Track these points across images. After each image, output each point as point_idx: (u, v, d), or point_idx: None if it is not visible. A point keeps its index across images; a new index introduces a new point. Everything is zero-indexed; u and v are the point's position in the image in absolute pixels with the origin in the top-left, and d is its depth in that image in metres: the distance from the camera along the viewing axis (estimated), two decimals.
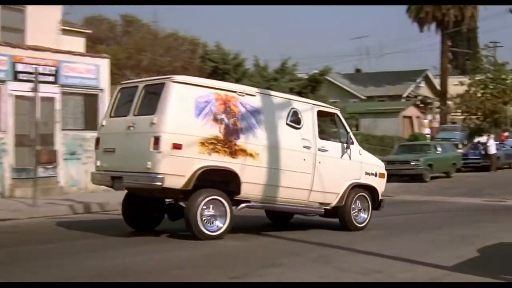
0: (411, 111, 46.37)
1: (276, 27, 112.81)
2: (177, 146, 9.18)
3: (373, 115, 43.94)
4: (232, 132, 9.72)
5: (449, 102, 48.36)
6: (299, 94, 31.94)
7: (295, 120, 10.58)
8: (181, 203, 9.75)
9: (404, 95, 51.34)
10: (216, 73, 31.83)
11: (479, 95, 45.44)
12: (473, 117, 45.32)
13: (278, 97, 10.68)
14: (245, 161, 9.79)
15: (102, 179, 10.17)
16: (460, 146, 41.05)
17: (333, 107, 11.74)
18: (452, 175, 28.51)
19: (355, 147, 11.48)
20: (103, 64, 18.78)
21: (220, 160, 9.58)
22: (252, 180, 9.89)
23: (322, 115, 11.09)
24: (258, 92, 10.29)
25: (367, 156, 11.88)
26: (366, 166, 11.62)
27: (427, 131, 44.96)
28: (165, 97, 9.28)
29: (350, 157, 11.31)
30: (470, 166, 32.08)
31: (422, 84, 54.53)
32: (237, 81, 31.70)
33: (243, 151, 9.79)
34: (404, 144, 31.23)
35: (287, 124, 10.44)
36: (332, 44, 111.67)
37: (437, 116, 51.02)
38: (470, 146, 34.22)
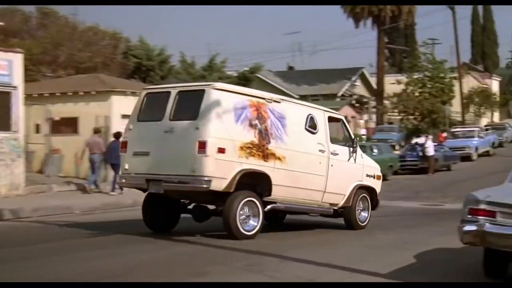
0: (346, 110, 47.28)
1: (204, 21, 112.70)
2: (221, 150, 10.31)
3: None
4: (264, 137, 11.04)
5: (386, 102, 49.55)
6: None
7: (312, 126, 12.10)
8: (205, 205, 11.31)
9: (339, 94, 52.24)
10: (140, 70, 31.58)
11: (416, 94, 46.76)
12: (411, 117, 46.56)
13: (297, 103, 12.33)
14: (275, 165, 11.13)
15: (133, 182, 11.13)
16: (397, 147, 42.20)
17: (338, 113, 13.58)
18: (389, 177, 29.26)
19: (358, 151, 13.14)
20: (16, 60, 18.34)
21: (256, 164, 10.81)
22: (280, 182, 11.20)
23: (331, 121, 12.66)
24: (282, 99, 11.72)
25: (367, 159, 13.70)
26: (366, 169, 13.36)
27: (362, 131, 45.90)
28: (208, 103, 10.33)
29: (355, 160, 13.01)
30: (407, 168, 33.00)
31: (358, 83, 55.65)
32: (162, 78, 31.55)
33: (273, 155, 11.10)
34: None
35: (305, 129, 11.96)
36: (263, 40, 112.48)
37: (374, 116, 52.18)
38: (408, 148, 35.12)
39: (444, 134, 42.69)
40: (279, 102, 11.59)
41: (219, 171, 10.33)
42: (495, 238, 7.60)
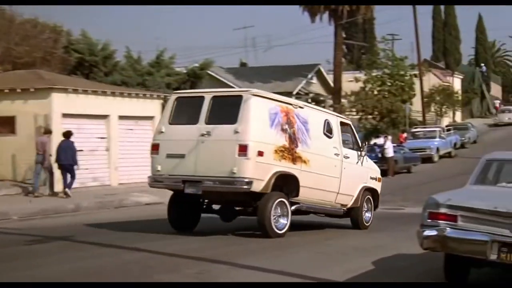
0: None
1: (151, 14, 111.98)
2: (260, 153, 11.62)
3: None
4: (293, 141, 12.39)
5: (343, 100, 50.06)
6: (177, 90, 32.01)
7: (329, 130, 13.58)
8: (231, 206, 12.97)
9: (294, 92, 52.49)
10: (82, 66, 31.20)
11: (375, 92, 47.39)
12: (369, 116, 47.15)
13: (315, 109, 13.82)
14: (301, 167, 12.49)
15: (168, 183, 12.18)
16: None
17: (347, 118, 15.42)
18: None
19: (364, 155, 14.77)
20: None
21: (287, 166, 12.15)
22: (305, 184, 12.55)
23: (341, 125, 14.14)
24: (305, 105, 13.29)
25: (370, 162, 15.34)
26: (370, 171, 15.03)
27: None
28: (247, 108, 11.61)
29: (361, 163, 14.61)
30: None
31: (314, 80, 56.03)
32: (106, 75, 31.27)
33: (300, 158, 12.46)
34: None
35: (323, 133, 13.42)
36: (215, 34, 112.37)
37: None
38: (366, 149, 35.52)
39: (404, 135, 43.35)
40: (302, 107, 13.08)
41: (258, 173, 11.61)
42: (456, 243, 7.80)
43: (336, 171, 13.65)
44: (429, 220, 8.04)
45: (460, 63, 72.88)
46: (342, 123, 14.27)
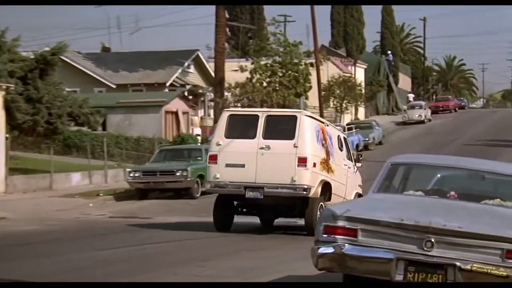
0: (177, 104, 47.46)
1: None
2: (314, 164, 16.71)
3: (125, 109, 44.22)
4: (327, 154, 17.45)
5: (227, 94, 50.26)
6: (24, 79, 31.16)
7: (340, 144, 18.80)
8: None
9: (168, 83, 52.34)
10: None
11: (264, 84, 47.82)
12: None
13: (332, 126, 19.26)
14: (331, 176, 17.45)
15: (229, 189, 17.08)
16: None
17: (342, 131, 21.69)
18: (198, 194, 29.55)
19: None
20: None
21: (325, 176, 17.17)
22: (334, 191, 17.50)
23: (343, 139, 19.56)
24: (328, 124, 18.79)
25: (357, 171, 19.96)
26: (358, 179, 19.75)
27: (197, 131, 46.28)
28: (302, 127, 16.78)
29: (355, 172, 19.51)
30: None
31: (192, 69, 56.02)
32: None
33: (331, 169, 17.47)
34: (167, 148, 31.88)
35: (338, 147, 18.51)
36: (70, 12, 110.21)
37: (211, 112, 52.78)
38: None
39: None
40: (328, 125, 18.55)
41: (313, 181, 16.66)
42: (356, 262, 7.95)
43: (344, 179, 18.56)
44: (325, 235, 8.14)
45: (364, 50, 74.57)
46: (344, 138, 19.86)
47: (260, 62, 48.33)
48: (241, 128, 17.35)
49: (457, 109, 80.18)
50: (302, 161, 16.55)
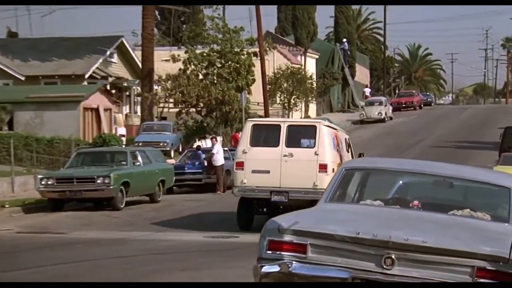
0: (98, 99, 47.03)
1: None
2: (333, 170, 19.67)
3: (36, 105, 43.71)
4: (341, 158, 21.71)
5: (157, 87, 50.14)
6: None
7: (348, 146, 23.63)
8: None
9: (87, 76, 51.90)
10: None
11: (200, 76, 47.85)
12: (192, 110, 47.51)
13: (340, 130, 23.77)
14: None
15: (256, 193, 21.47)
16: (172, 154, 42.83)
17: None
18: (160, 198, 29.67)
19: None
20: None
21: None
22: None
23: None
24: (338, 128, 23.74)
25: None
26: None
27: (121, 131, 45.99)
28: (322, 136, 21.18)
29: None
30: (187, 185, 33.68)
31: (115, 59, 55.69)
32: None
33: None
34: (86, 151, 31.61)
35: (346, 149, 23.19)
36: None
37: (138, 109, 52.55)
38: (188, 155, 35.85)
39: (240, 135, 44.07)
40: (338, 131, 23.35)
41: None
42: (305, 282, 7.98)
43: None
44: (269, 252, 8.17)
45: (315, 37, 74.88)
46: (349, 139, 24.58)
47: (195, 50, 48.35)
48: (265, 136, 21.95)
49: (422, 105, 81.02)
50: (323, 168, 21.02)
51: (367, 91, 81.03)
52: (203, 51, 48.39)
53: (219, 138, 37.23)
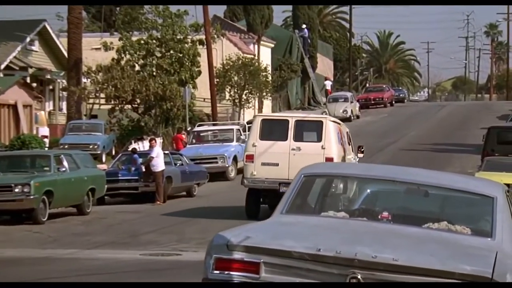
0: (16, 94, 46.64)
1: None
2: None
3: None
4: (344, 151, 26.59)
5: (86, 80, 49.87)
6: None
7: (349, 139, 28.55)
8: None
9: (3, 66, 51.54)
10: None
11: (138, 68, 47.72)
12: (128, 106, 47.33)
13: (343, 124, 28.25)
14: None
15: (265, 184, 25.78)
16: (104, 158, 42.63)
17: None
18: (89, 210, 29.49)
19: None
20: None
21: None
22: None
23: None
24: (340, 123, 28.22)
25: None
26: None
27: (44, 131, 45.65)
28: (328, 130, 25.72)
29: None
30: (121, 194, 33.57)
31: (37, 47, 55.32)
32: None
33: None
34: (2, 155, 31.37)
35: (347, 142, 27.82)
36: None
37: (64, 105, 52.22)
38: (122, 159, 35.64)
39: (183, 136, 43.97)
40: (341, 125, 27.98)
41: None
42: None
43: None
44: (216, 272, 8.19)
45: (271, 23, 74.92)
46: (349, 133, 29.46)
47: (131, 38, 48.22)
48: (273, 131, 26.31)
49: (393, 102, 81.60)
50: (329, 161, 24.89)
51: (328, 84, 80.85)
52: (140, 38, 48.32)
53: (159, 140, 37.14)
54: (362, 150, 30.19)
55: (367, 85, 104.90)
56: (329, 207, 9.60)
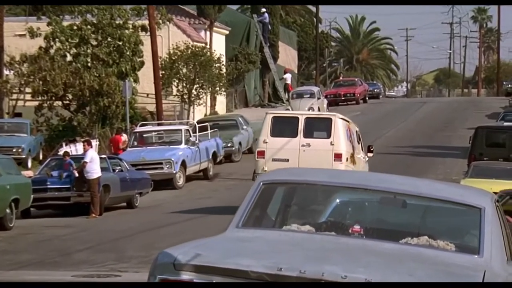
0: None
1: None
2: (347, 159, 30.18)
3: None
4: (353, 149, 31.22)
5: (8, 73, 49.60)
6: None
7: (359, 138, 33.09)
8: None
9: None
10: None
11: (69, 58, 47.53)
12: (58, 103, 47.12)
13: (352, 123, 32.88)
14: (355, 167, 30.60)
15: None
16: (29, 163, 42.39)
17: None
18: (12, 224, 29.28)
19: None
20: None
21: (352, 168, 30.17)
22: None
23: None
24: (350, 121, 32.86)
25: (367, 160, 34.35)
26: (367, 167, 33.23)
27: None
28: (336, 127, 30.40)
29: (366, 162, 33.72)
30: (51, 205, 33.37)
31: None
32: None
33: (354, 161, 30.97)
34: None
35: (357, 141, 32.57)
36: None
37: None
38: (51, 164, 35.41)
39: (123, 138, 43.81)
40: (350, 123, 31.78)
41: None
42: None
43: (361, 169, 31.37)
44: None
45: (225, 7, 74.89)
46: (359, 131, 33.68)
47: (62, 22, 48.01)
48: (284, 128, 30.70)
49: (367, 98, 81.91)
50: (338, 157, 29.58)
51: (288, 77, 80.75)
52: (73, 23, 48.10)
53: (95, 142, 37.03)
54: (372, 149, 34.30)
55: (337, 78, 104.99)
56: (292, 219, 9.60)
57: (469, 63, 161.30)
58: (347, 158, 30.26)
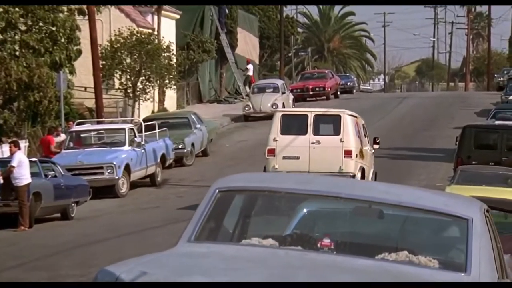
0: None
1: None
2: (356, 155, 35.00)
3: None
4: (361, 144, 36.02)
5: None
6: None
7: (365, 131, 37.91)
8: None
9: None
10: None
11: None
12: None
13: (359, 117, 37.51)
14: (364, 162, 36.05)
15: None
16: None
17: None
18: None
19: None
20: None
21: (362, 162, 35.79)
22: (366, 173, 36.60)
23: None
24: (357, 115, 37.60)
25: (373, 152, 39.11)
26: (373, 158, 38.22)
27: None
28: (346, 124, 34.83)
29: (373, 154, 38.72)
30: None
31: None
32: None
33: (363, 155, 35.87)
34: None
35: (364, 135, 37.28)
36: None
37: None
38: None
39: (58, 138, 43.72)
40: (357, 117, 36.43)
41: (356, 169, 34.21)
42: None
43: (369, 162, 36.20)
44: None
45: None
46: (364, 124, 37.74)
47: None
48: (293, 125, 34.41)
49: (339, 93, 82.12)
50: (348, 153, 33.43)
51: (251, 69, 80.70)
52: (3, 11, 48.01)
53: (23, 144, 36.94)
54: (378, 141, 38.27)
55: (304, 70, 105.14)
56: (253, 232, 9.64)
57: (456, 53, 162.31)
58: (356, 154, 33.91)
